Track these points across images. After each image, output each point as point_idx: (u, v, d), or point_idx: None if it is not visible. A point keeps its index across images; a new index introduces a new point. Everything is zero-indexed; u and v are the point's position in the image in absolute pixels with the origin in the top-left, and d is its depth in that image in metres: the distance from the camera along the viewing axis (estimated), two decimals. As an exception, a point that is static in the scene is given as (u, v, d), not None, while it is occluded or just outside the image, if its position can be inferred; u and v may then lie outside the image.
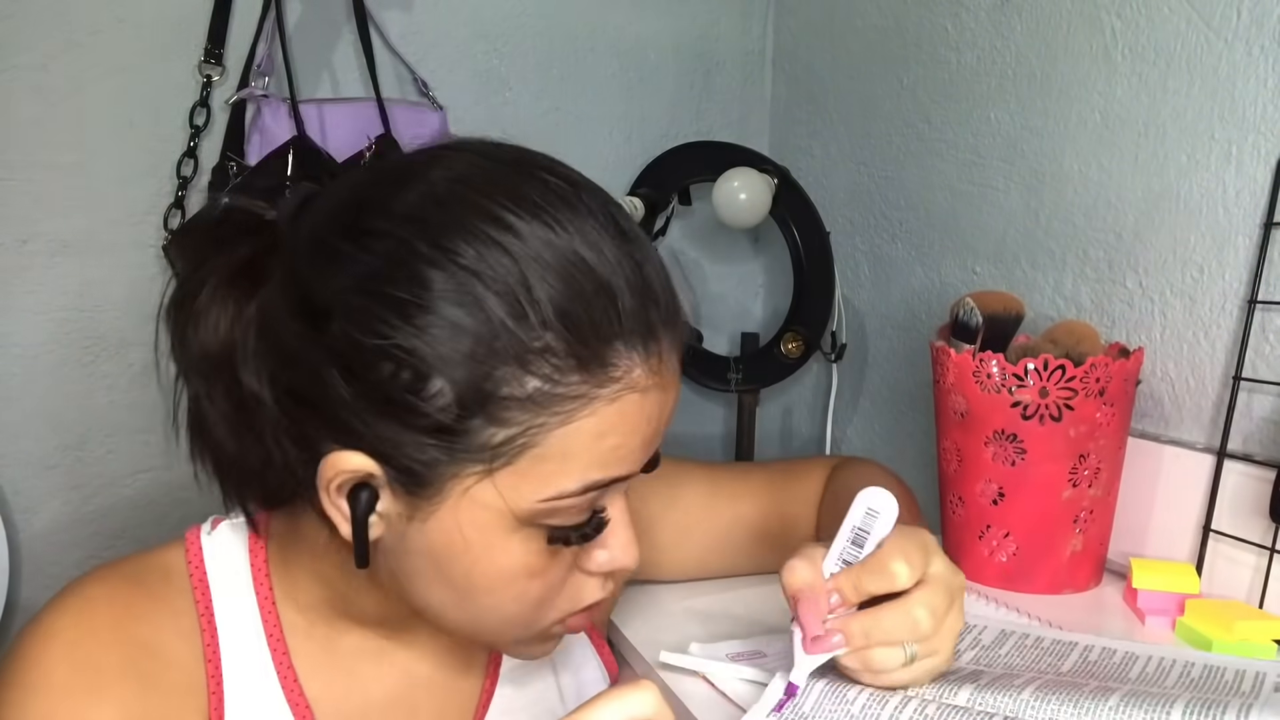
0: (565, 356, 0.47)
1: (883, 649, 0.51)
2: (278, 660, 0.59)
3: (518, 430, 0.47)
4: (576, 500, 0.49)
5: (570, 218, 0.49)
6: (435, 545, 0.50)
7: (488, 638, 0.56)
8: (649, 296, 0.50)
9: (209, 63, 0.97)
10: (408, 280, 0.47)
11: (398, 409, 0.47)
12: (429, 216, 0.48)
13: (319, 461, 0.49)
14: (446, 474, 0.48)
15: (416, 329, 0.46)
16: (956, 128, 1.04)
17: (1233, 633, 0.65)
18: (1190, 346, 0.81)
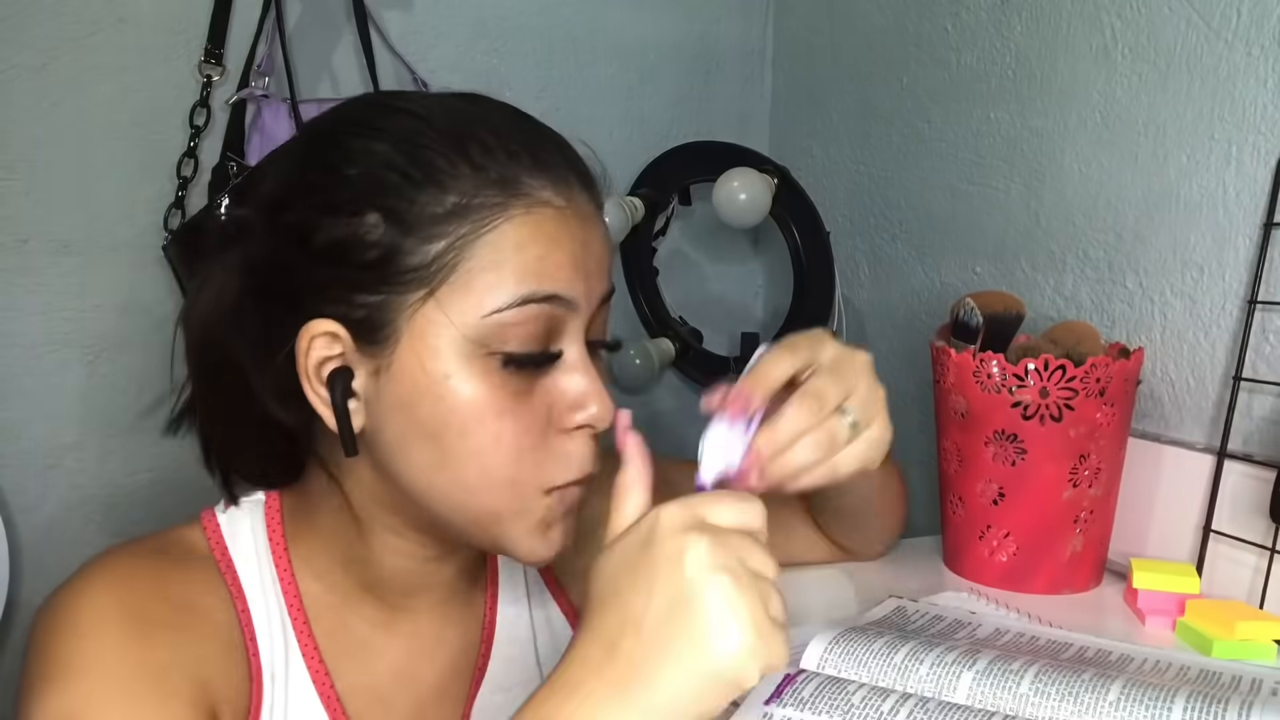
0: (476, 175, 0.54)
1: (808, 439, 0.54)
2: (299, 632, 0.61)
3: (446, 244, 0.53)
4: (518, 315, 0.53)
5: (463, 97, 0.60)
6: (403, 392, 0.54)
7: (483, 513, 0.56)
8: (544, 141, 0.58)
9: (209, 63, 0.97)
10: (334, 148, 0.56)
11: (344, 256, 0.54)
12: (337, 114, 0.60)
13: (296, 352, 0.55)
14: (396, 308, 0.53)
15: (345, 179, 0.54)
16: (956, 128, 1.04)
17: (1233, 633, 0.65)
18: (1190, 346, 0.81)
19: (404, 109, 0.57)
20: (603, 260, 0.58)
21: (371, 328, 0.54)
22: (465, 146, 0.54)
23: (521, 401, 0.54)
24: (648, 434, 1.30)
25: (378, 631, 0.63)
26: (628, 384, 1.28)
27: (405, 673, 0.64)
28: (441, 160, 0.54)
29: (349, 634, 0.62)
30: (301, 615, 0.61)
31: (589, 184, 0.60)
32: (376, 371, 0.55)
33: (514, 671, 0.67)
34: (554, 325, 0.55)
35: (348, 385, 0.55)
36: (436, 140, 0.54)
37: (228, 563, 0.61)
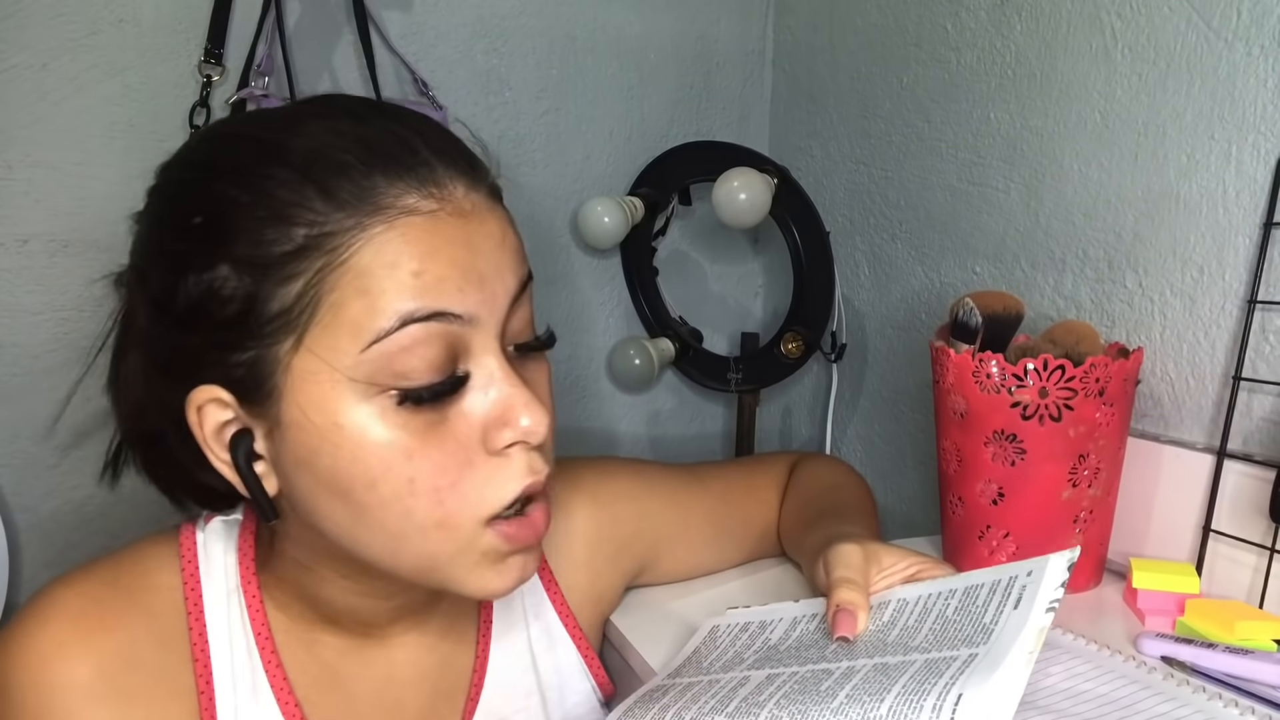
0: (324, 201, 0.48)
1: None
2: (266, 659, 0.59)
3: (304, 282, 0.48)
4: (403, 341, 0.48)
5: (315, 107, 0.54)
6: (298, 450, 0.50)
7: (420, 560, 0.52)
8: (404, 139, 0.51)
9: (209, 63, 0.97)
10: (175, 201, 0.52)
11: (206, 315, 0.50)
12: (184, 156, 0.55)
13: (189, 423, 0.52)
14: (269, 362, 0.49)
15: (190, 230, 0.50)
16: (956, 127, 1.04)
17: (1233, 633, 0.65)
18: (1190, 346, 0.81)
19: (246, 136, 0.52)
20: (499, 257, 0.52)
21: (252, 386, 0.50)
22: (312, 169, 0.49)
23: (432, 436, 0.50)
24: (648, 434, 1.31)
25: (348, 660, 0.61)
26: (628, 384, 1.29)
27: (383, 702, 0.62)
28: (285, 191, 0.48)
29: (319, 664, 0.60)
30: (270, 645, 0.59)
31: (468, 172, 0.52)
32: (270, 431, 0.51)
33: (513, 698, 0.65)
34: (454, 345, 0.50)
35: (250, 447, 0.52)
36: (280, 169, 0.49)
37: (195, 584, 0.59)
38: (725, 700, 0.54)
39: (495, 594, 0.54)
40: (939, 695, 0.48)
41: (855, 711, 0.49)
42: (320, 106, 0.53)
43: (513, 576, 0.54)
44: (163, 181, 0.54)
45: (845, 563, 0.61)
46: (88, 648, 0.54)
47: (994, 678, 0.47)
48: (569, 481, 0.73)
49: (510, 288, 0.52)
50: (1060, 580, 0.53)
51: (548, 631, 0.69)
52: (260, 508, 0.52)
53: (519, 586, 0.55)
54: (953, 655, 0.52)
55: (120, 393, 0.59)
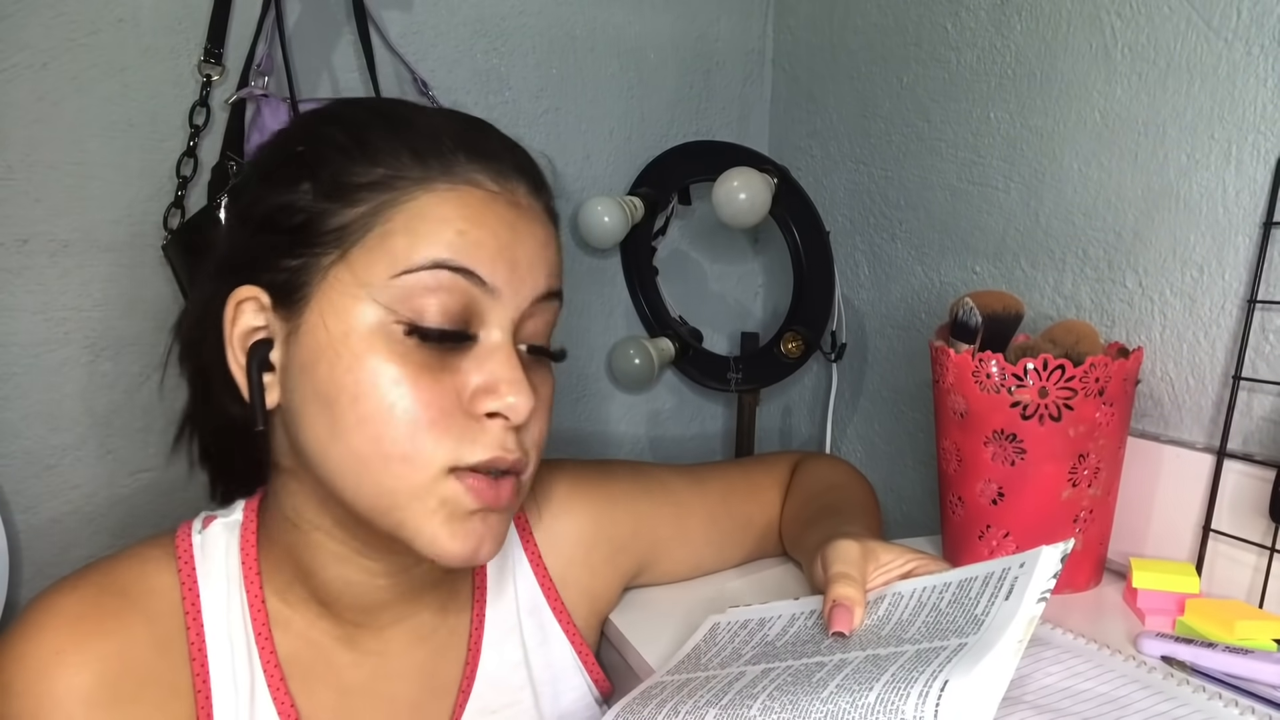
0: (410, 156, 0.55)
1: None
2: (265, 658, 0.60)
3: (366, 208, 0.54)
4: (428, 280, 0.53)
5: (424, 106, 0.62)
6: (305, 354, 0.54)
7: (380, 493, 0.54)
8: (492, 138, 0.59)
9: (209, 62, 0.97)
10: (291, 134, 0.61)
11: (276, 223, 0.55)
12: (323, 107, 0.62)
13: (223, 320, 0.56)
14: (311, 270, 0.54)
15: (289, 155, 0.57)
16: (956, 127, 1.04)
17: (1233, 632, 0.65)
18: (1190, 346, 0.81)
19: (375, 108, 0.60)
20: (538, 255, 0.57)
21: (289, 290, 0.55)
22: (411, 134, 0.56)
23: (425, 375, 0.53)
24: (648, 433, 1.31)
25: (342, 648, 0.62)
26: (628, 383, 1.29)
27: (375, 692, 0.63)
28: (382, 141, 0.55)
29: (314, 651, 0.61)
30: (270, 645, 0.60)
31: (534, 182, 0.59)
32: (289, 337, 0.55)
33: (504, 692, 0.66)
34: (471, 306, 0.54)
35: (265, 357, 0.56)
36: (384, 126, 0.56)
37: (192, 585, 0.59)
38: (720, 694, 0.55)
39: (445, 555, 0.54)
40: (925, 682, 0.48)
41: (845, 700, 0.49)
42: (449, 112, 0.62)
43: (468, 542, 0.54)
44: (290, 124, 0.65)
45: (843, 558, 0.61)
46: (86, 654, 0.54)
47: (980, 665, 0.48)
48: (567, 481, 0.73)
49: (538, 286, 0.57)
50: (1053, 571, 0.53)
51: (541, 627, 0.69)
52: (253, 412, 0.56)
53: (469, 561, 0.55)
54: (942, 645, 0.52)
55: (186, 320, 0.62)
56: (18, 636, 0.55)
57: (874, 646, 0.55)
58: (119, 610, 0.57)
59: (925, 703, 0.46)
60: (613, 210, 1.16)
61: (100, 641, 0.55)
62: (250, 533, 0.62)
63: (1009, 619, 0.50)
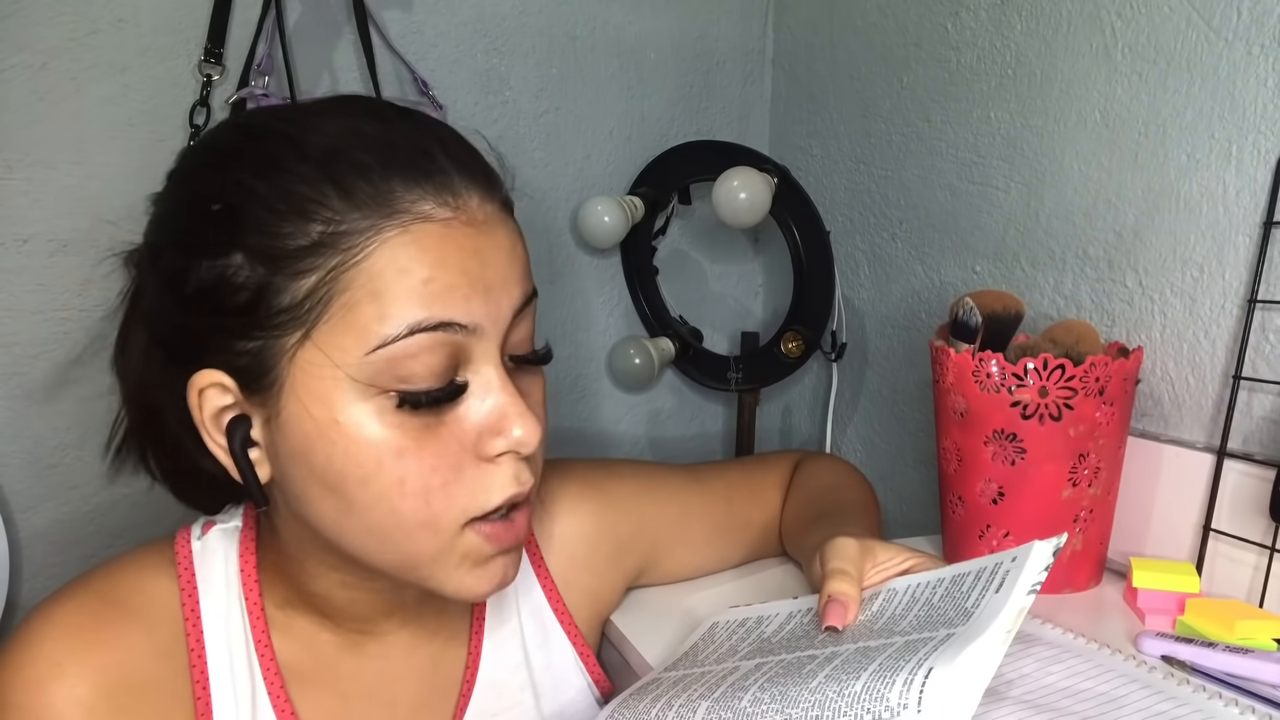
0: (342, 199, 0.49)
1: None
2: (265, 665, 0.59)
3: (317, 278, 0.49)
4: (408, 348, 0.49)
5: (341, 105, 0.54)
6: (294, 441, 0.51)
7: (403, 558, 0.53)
8: (424, 146, 0.52)
9: (209, 62, 0.97)
10: (196, 186, 0.53)
11: (216, 301, 0.50)
12: (209, 141, 0.57)
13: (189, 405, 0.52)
14: (275, 353, 0.50)
15: (208, 216, 0.51)
16: (956, 127, 1.04)
17: (1233, 632, 0.65)
18: (1190, 346, 0.81)
19: (273, 130, 0.53)
20: (508, 269, 0.53)
21: (255, 375, 0.51)
22: (332, 167, 0.50)
23: (427, 438, 0.51)
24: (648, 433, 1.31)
25: (343, 653, 0.62)
26: (628, 383, 1.29)
27: (377, 697, 0.62)
28: (304, 187, 0.49)
29: (315, 657, 0.61)
30: (270, 652, 0.60)
31: (484, 183, 0.54)
32: (269, 420, 0.52)
33: (505, 694, 0.66)
34: (455, 353, 0.51)
35: (246, 434, 0.52)
36: (301, 165, 0.50)
37: (191, 591, 0.59)
38: (713, 687, 0.55)
39: (473, 596, 0.55)
40: (910, 670, 0.48)
41: (832, 689, 0.49)
42: (345, 106, 0.55)
43: (493, 580, 0.55)
44: (184, 165, 0.56)
45: (840, 555, 0.62)
46: (86, 666, 0.54)
47: (964, 653, 0.48)
48: (569, 481, 0.73)
49: (515, 300, 0.53)
50: (1044, 565, 0.53)
51: (542, 628, 0.69)
52: (252, 493, 0.53)
53: (497, 591, 0.56)
54: (931, 636, 0.52)
55: (124, 370, 0.59)
56: (16, 649, 0.54)
57: (865, 639, 0.55)
58: (118, 620, 0.56)
59: (910, 689, 0.47)
60: (613, 210, 1.16)
61: (99, 652, 0.55)
62: (249, 540, 0.62)
63: (998, 610, 0.51)
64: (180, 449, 0.57)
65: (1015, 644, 0.62)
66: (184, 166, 0.56)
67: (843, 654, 0.54)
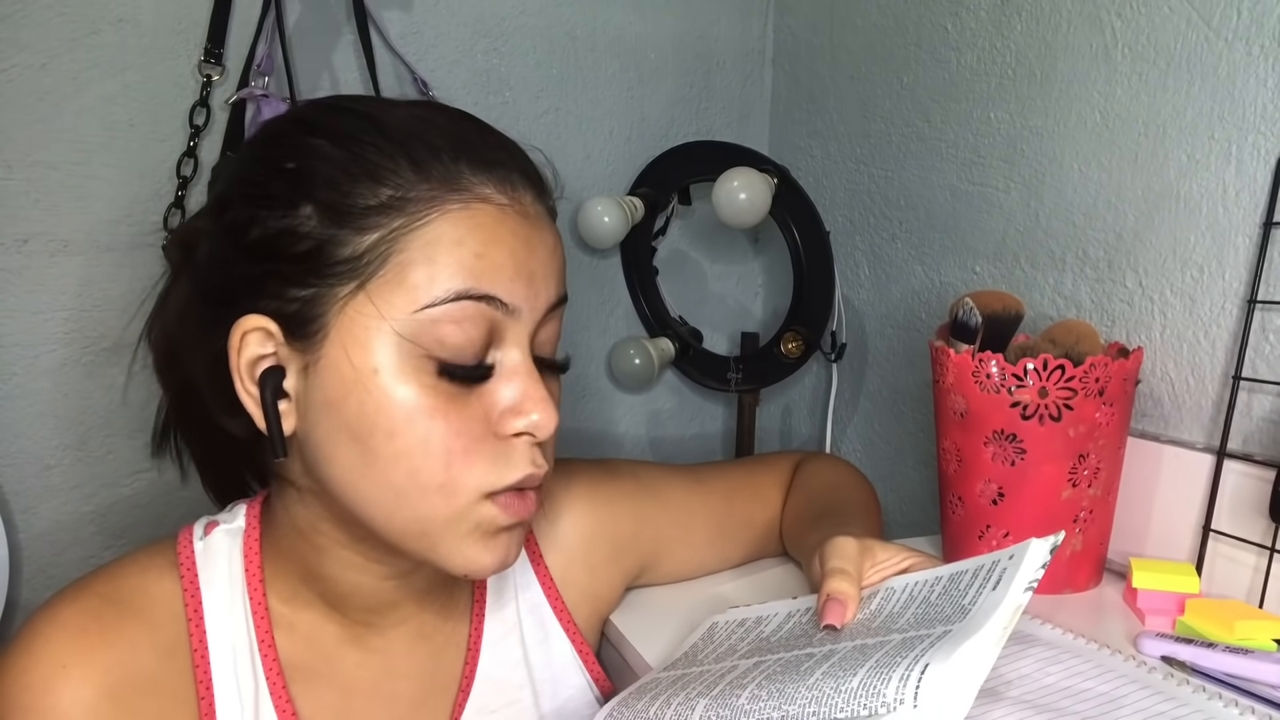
0: (413, 171, 0.53)
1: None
2: (268, 666, 0.60)
3: (378, 235, 0.52)
4: (453, 312, 0.52)
5: (414, 101, 0.59)
6: (330, 389, 0.53)
7: (414, 522, 0.54)
8: (492, 141, 0.57)
9: (209, 62, 0.97)
10: (272, 147, 0.56)
11: (278, 249, 0.53)
12: (288, 115, 0.60)
13: (228, 349, 0.54)
14: (326, 301, 0.52)
15: (282, 173, 0.54)
16: (956, 127, 1.04)
17: (1232, 632, 0.65)
18: (1190, 346, 0.81)
19: (353, 109, 0.56)
20: (549, 265, 0.57)
21: (302, 322, 0.53)
22: (408, 144, 0.53)
23: (455, 404, 0.53)
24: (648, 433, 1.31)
25: (346, 648, 0.62)
26: (628, 383, 1.29)
27: (378, 691, 0.63)
28: (380, 155, 0.53)
29: (317, 653, 0.61)
30: (270, 644, 0.60)
31: (538, 186, 0.58)
32: (306, 368, 0.54)
33: (504, 691, 0.66)
34: (493, 329, 0.54)
35: (279, 385, 0.54)
36: (378, 137, 0.54)
37: (194, 592, 0.59)
38: (711, 686, 0.55)
39: (480, 570, 0.56)
40: (907, 666, 0.48)
41: (829, 685, 0.50)
42: (423, 103, 0.59)
43: (498, 555, 0.56)
44: (263, 132, 0.59)
45: (840, 554, 0.62)
46: (90, 667, 0.54)
47: (960, 649, 0.48)
48: (569, 480, 0.73)
49: (551, 296, 0.57)
50: (1041, 562, 0.53)
51: (541, 625, 0.69)
52: (274, 444, 0.54)
53: (498, 570, 0.57)
54: (928, 633, 0.52)
55: (159, 336, 0.61)
56: (20, 651, 0.55)
57: (863, 637, 0.56)
58: (121, 620, 0.56)
59: (906, 685, 0.47)
60: (613, 210, 1.16)
61: (103, 653, 0.55)
62: (254, 539, 0.62)
63: (994, 607, 0.51)
64: (209, 425, 0.59)
65: (1015, 644, 0.62)
66: (261, 134, 0.59)
67: (840, 651, 0.54)
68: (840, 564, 0.61)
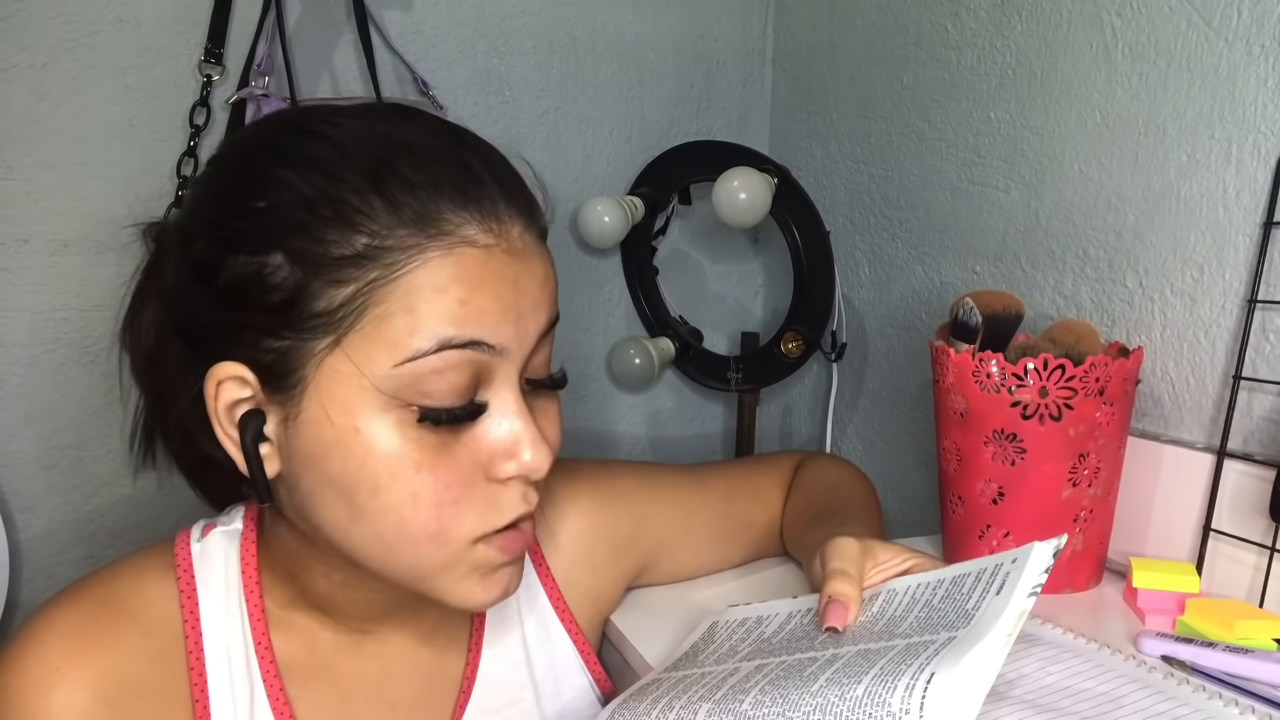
0: (389, 214, 0.49)
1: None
2: (265, 669, 0.59)
3: (354, 289, 0.49)
4: (436, 363, 0.49)
5: (391, 116, 0.55)
6: (311, 443, 0.51)
7: (409, 569, 0.54)
8: (474, 169, 0.53)
9: (209, 62, 0.97)
10: (238, 178, 0.53)
11: (248, 297, 0.50)
12: (256, 135, 0.56)
13: (204, 394, 0.52)
14: (302, 355, 0.50)
15: (251, 213, 0.51)
16: (956, 127, 1.04)
17: (1233, 632, 0.65)
18: (1190, 346, 0.81)
19: (322, 134, 0.53)
20: (539, 296, 0.54)
21: (279, 374, 0.51)
22: (382, 180, 0.50)
23: (443, 454, 0.51)
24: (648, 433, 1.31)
25: (343, 652, 0.62)
26: (628, 383, 1.29)
27: (378, 696, 0.63)
28: (354, 197, 0.50)
29: (315, 656, 0.61)
30: (267, 646, 0.60)
31: (527, 214, 0.55)
32: (286, 419, 0.52)
33: (505, 692, 0.66)
34: (480, 373, 0.52)
35: (259, 429, 0.52)
36: (351, 173, 0.50)
37: (191, 593, 0.59)
38: (714, 689, 0.55)
39: (478, 606, 0.56)
40: (912, 675, 0.48)
41: (834, 693, 0.49)
42: (399, 118, 0.55)
43: (497, 590, 0.56)
44: (230, 154, 0.56)
45: (841, 555, 0.62)
46: (85, 670, 0.54)
47: (966, 658, 0.48)
48: (570, 480, 0.73)
49: (541, 326, 0.55)
50: (1044, 566, 0.53)
51: (543, 625, 0.69)
52: (257, 489, 0.53)
53: (501, 601, 0.57)
54: (932, 639, 0.52)
55: (133, 341, 0.59)
56: (15, 654, 0.54)
57: (866, 641, 0.55)
58: (116, 624, 0.56)
59: (911, 695, 0.47)
60: (613, 210, 1.16)
61: (98, 657, 0.55)
62: (250, 542, 0.62)
63: (998, 613, 0.51)
64: (188, 435, 0.57)
65: (1016, 644, 0.62)
66: (224, 156, 0.56)
67: (844, 656, 0.54)
68: (841, 565, 0.61)
